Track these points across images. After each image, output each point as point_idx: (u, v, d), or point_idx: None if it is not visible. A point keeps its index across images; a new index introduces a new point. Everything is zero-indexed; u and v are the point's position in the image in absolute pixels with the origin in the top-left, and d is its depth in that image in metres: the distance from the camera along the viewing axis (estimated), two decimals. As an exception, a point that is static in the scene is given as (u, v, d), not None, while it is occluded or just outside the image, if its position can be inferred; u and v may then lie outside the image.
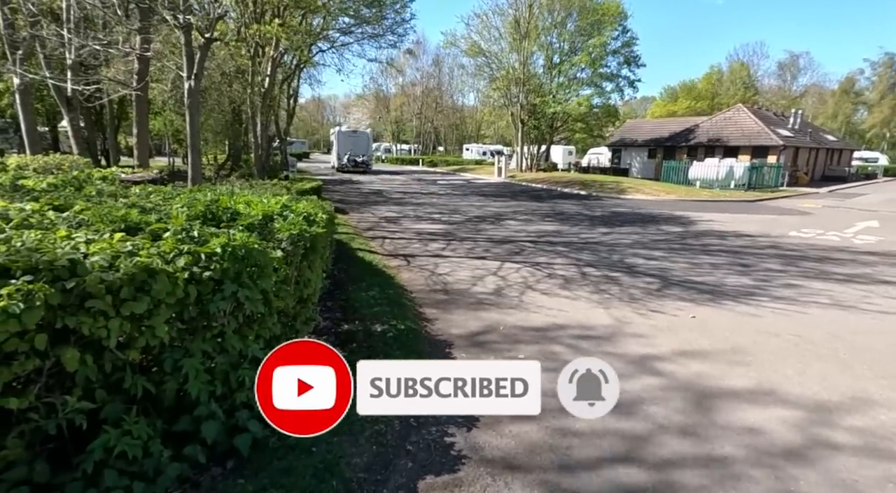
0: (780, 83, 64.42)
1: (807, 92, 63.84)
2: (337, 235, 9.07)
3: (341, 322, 4.51)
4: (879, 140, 60.62)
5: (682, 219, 13.50)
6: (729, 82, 61.95)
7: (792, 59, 63.82)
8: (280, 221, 2.91)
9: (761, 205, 18.53)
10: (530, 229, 11.15)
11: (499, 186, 24.70)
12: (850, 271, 7.50)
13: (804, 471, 2.69)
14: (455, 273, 6.95)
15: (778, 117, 37.05)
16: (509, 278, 6.72)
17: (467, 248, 8.88)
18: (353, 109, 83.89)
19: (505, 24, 31.78)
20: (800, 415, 3.28)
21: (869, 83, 61.38)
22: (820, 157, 36.77)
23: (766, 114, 36.16)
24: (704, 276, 7.05)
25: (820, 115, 60.67)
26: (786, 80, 64.18)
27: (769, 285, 6.56)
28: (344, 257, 7.36)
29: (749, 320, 5.18)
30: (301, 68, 20.68)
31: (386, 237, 9.81)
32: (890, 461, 2.81)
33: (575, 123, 34.37)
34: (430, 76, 62.47)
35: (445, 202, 16.70)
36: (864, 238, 11.00)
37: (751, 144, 30.04)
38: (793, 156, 31.09)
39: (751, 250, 9.08)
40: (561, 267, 7.45)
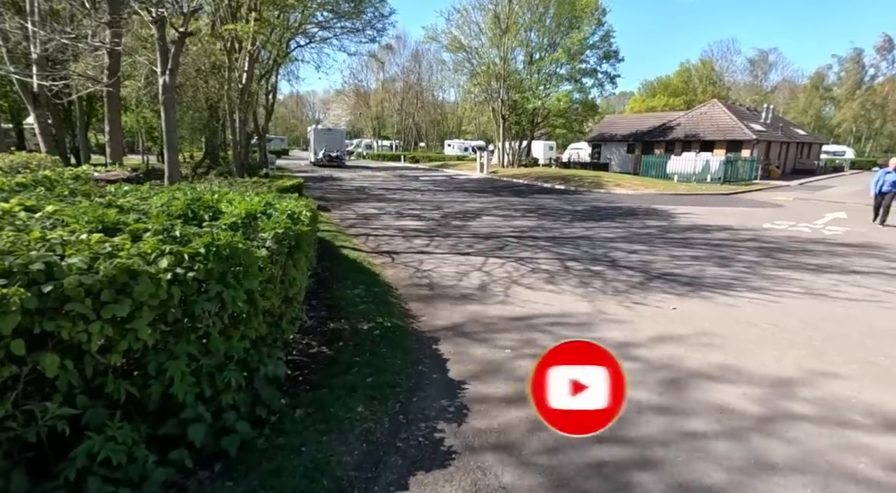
0: (752, 79, 66.09)
1: (778, 87, 65.67)
2: (320, 232, 8.98)
3: (327, 321, 4.47)
4: (847, 134, 62.82)
5: (661, 213, 13.77)
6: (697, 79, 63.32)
7: (761, 55, 65.54)
8: (264, 220, 2.86)
9: (737, 198, 19.03)
10: (513, 225, 11.22)
11: (481, 182, 24.76)
12: (821, 262, 7.78)
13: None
14: (440, 269, 6.96)
15: (751, 112, 38.03)
16: (494, 274, 6.76)
17: (451, 244, 8.89)
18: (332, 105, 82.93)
19: (485, 19, 31.79)
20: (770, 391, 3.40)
21: (837, 79, 63.45)
22: (791, 150, 37.91)
23: (739, 109, 37.07)
24: (685, 268, 7.21)
25: (791, 109, 62.50)
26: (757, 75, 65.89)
27: (746, 276, 6.75)
28: (328, 254, 7.29)
29: (727, 310, 5.33)
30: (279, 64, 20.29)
31: (369, 234, 9.75)
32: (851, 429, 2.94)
33: (556, 119, 34.68)
34: (410, 71, 62.15)
35: (428, 198, 16.67)
36: (833, 229, 11.41)
37: (725, 139, 30.77)
38: (765, 150, 31.97)
39: (729, 243, 9.33)
40: (545, 262, 7.53)
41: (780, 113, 50.56)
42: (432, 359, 3.93)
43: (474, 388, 3.47)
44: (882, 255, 8.49)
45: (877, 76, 61.71)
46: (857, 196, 19.68)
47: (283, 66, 22.15)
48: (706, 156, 26.96)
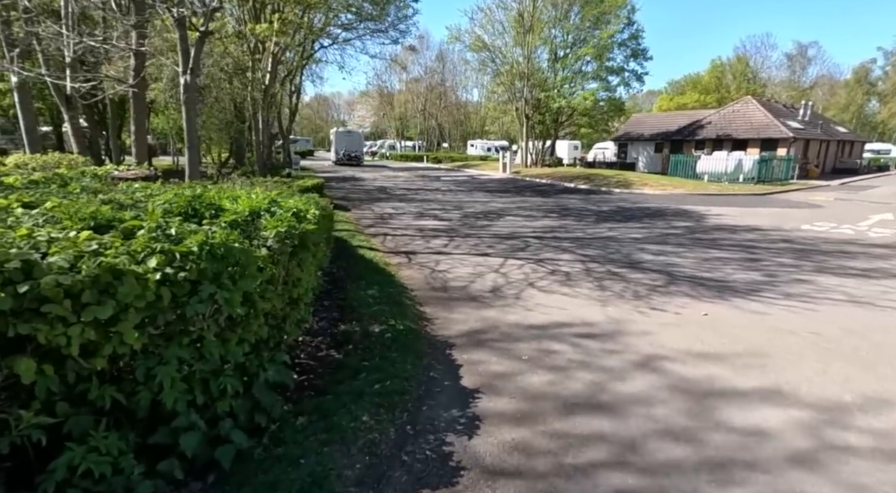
0: (790, 75, 63.41)
1: (816, 83, 62.81)
2: (337, 232, 8.94)
3: (338, 322, 4.36)
4: (892, 132, 59.55)
5: (691, 213, 13.23)
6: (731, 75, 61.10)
7: (800, 49, 62.78)
8: (267, 218, 2.75)
9: (771, 198, 18.19)
10: (536, 225, 10.94)
11: (503, 182, 24.46)
12: (865, 266, 7.25)
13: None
14: (456, 270, 6.78)
15: (787, 109, 36.42)
16: (511, 276, 6.54)
17: (470, 244, 8.71)
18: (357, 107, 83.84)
19: (509, 17, 31.44)
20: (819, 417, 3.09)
21: (882, 73, 60.22)
22: (831, 149, 36.12)
23: (775, 106, 35.56)
24: (713, 271, 6.82)
25: (831, 106, 59.65)
26: (795, 71, 63.16)
27: (780, 281, 6.33)
28: (344, 254, 7.21)
29: (762, 317, 4.97)
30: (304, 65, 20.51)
31: (387, 234, 9.65)
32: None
33: (580, 118, 33.97)
34: (433, 72, 62.17)
35: (449, 198, 16.51)
36: (879, 231, 10.69)
37: (759, 137, 29.52)
38: (803, 148, 30.54)
39: (762, 245, 8.83)
40: (565, 264, 7.25)
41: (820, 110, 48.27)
42: (444, 365, 3.76)
43: (487, 399, 3.28)
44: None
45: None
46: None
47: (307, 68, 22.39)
48: (738, 154, 25.91)
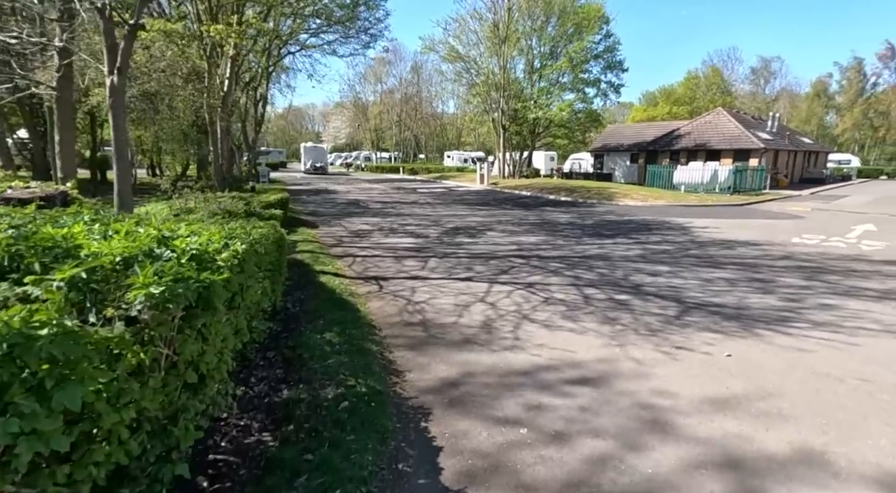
0: (754, 88, 65.63)
1: (779, 96, 65.15)
2: (298, 255, 7.92)
3: (280, 385, 3.36)
4: (850, 143, 62.07)
5: (677, 226, 12.70)
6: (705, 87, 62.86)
7: (764, 63, 65.18)
8: (146, 267, 1.80)
9: (751, 209, 17.99)
10: (519, 242, 10.14)
11: (481, 194, 23.76)
12: (879, 286, 6.67)
13: None
14: (435, 301, 5.86)
15: (756, 121, 37.21)
16: (500, 306, 5.65)
17: (449, 266, 7.80)
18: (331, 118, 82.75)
19: (483, 28, 31.12)
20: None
21: (838, 87, 62.92)
22: (798, 159, 36.99)
23: (745, 117, 36.26)
24: (724, 296, 6.11)
25: (793, 118, 61.88)
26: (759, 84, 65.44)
27: (800, 307, 5.64)
28: (302, 283, 6.19)
29: (797, 356, 4.21)
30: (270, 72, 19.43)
31: (356, 255, 8.66)
32: None
33: (558, 129, 33.81)
34: (408, 83, 61.75)
35: (426, 212, 15.62)
36: (870, 244, 10.32)
37: (732, 148, 29.84)
38: (773, 159, 31.04)
39: (763, 262, 8.23)
40: (558, 289, 6.42)
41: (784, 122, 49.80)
42: (418, 448, 2.81)
43: (479, 504, 2.35)
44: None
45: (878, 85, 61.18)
46: (875, 206, 18.64)
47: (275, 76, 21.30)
48: (713, 165, 26.03)
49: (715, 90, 61.42)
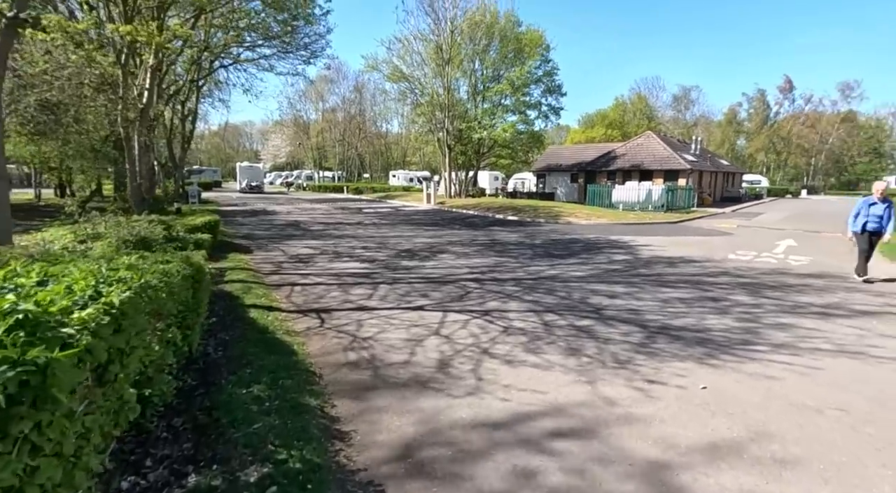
0: (676, 113, 71.31)
1: (697, 122, 71.16)
2: (227, 284, 7.00)
3: (187, 468, 2.60)
4: (759, 165, 68.74)
5: (622, 244, 12.92)
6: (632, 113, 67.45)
7: (684, 92, 71.16)
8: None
9: (684, 226, 18.91)
10: (471, 264, 9.74)
11: (429, 214, 23.40)
12: (819, 301, 6.88)
13: None
14: (385, 335, 5.23)
15: (681, 143, 40.11)
16: (456, 339, 5.13)
17: (400, 294, 7.20)
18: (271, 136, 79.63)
19: (427, 49, 31.34)
20: None
21: (747, 115, 69.87)
22: (718, 179, 40.15)
23: (671, 140, 38.97)
24: (682, 317, 5.98)
25: (710, 143, 67.65)
26: (680, 110, 71.21)
27: (757, 327, 5.60)
28: (229, 321, 5.34)
29: (769, 385, 4.03)
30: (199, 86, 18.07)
31: (296, 284, 7.84)
32: None
33: (502, 149, 34.48)
34: (351, 102, 60.99)
35: (372, 234, 14.93)
36: (797, 259, 10.95)
37: (663, 168, 31.79)
38: (698, 179, 33.39)
39: (708, 280, 8.36)
40: (517, 316, 6.02)
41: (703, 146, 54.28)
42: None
43: None
44: (868, 289, 7.81)
45: (779, 113, 68.68)
46: (790, 222, 20.27)
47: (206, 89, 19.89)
48: (648, 185, 27.49)
49: (641, 115, 66.09)
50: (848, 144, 65.70)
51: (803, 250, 12.27)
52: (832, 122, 64.97)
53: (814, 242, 14.22)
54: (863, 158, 67.01)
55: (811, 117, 65.98)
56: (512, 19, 29.99)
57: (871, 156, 67.48)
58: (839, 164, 67.42)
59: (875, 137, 67.54)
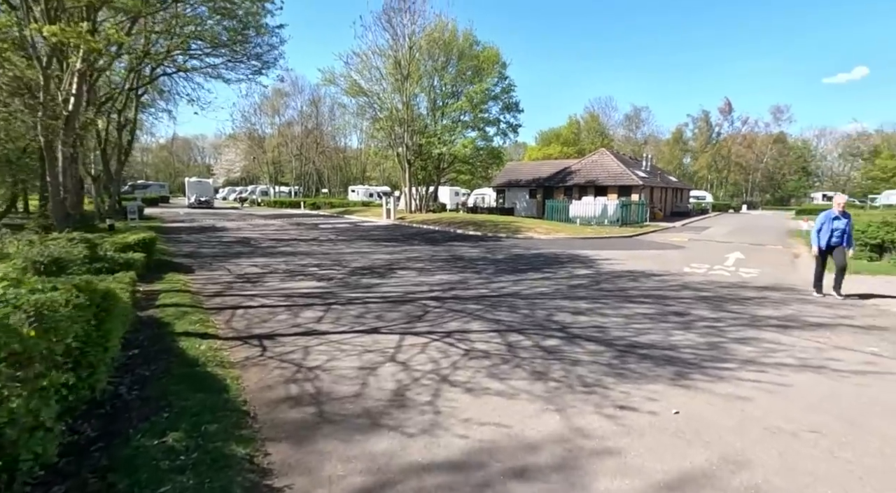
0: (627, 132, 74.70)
1: (647, 140, 74.83)
2: (158, 309, 6.27)
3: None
4: (703, 181, 72.86)
5: (583, 259, 12.94)
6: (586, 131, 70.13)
7: (636, 111, 74.82)
8: None
9: (639, 240, 19.37)
10: (432, 281, 9.34)
11: (389, 229, 22.89)
12: (774, 314, 6.95)
13: None
14: (334, 364, 4.71)
15: (633, 160, 41.86)
16: (414, 365, 4.69)
17: (354, 315, 6.69)
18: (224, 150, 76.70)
19: (386, 64, 31.16)
20: None
21: (692, 135, 74.18)
22: (668, 195, 42.02)
23: (624, 157, 40.54)
24: (649, 334, 5.82)
25: (659, 160, 71.18)
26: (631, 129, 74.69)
27: (722, 342, 5.51)
28: (153, 352, 4.66)
29: (742, 406, 3.84)
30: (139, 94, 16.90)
31: (240, 306, 7.15)
32: None
33: (462, 165, 34.60)
34: (308, 116, 59.88)
35: (327, 250, 14.26)
36: (747, 271, 11.29)
37: (617, 184, 32.86)
38: (649, 194, 34.76)
39: (671, 294, 8.36)
40: (480, 337, 5.66)
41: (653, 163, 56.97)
42: None
43: None
44: (817, 300, 8.04)
45: (721, 133, 73.40)
46: (735, 236, 21.25)
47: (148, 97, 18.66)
48: (603, 200, 28.24)
49: (594, 133, 68.82)
50: (780, 163, 70.96)
51: (751, 263, 12.72)
52: (766, 142, 70.07)
53: (759, 254, 14.82)
54: (793, 175, 72.52)
55: (748, 138, 70.91)
56: (470, 38, 30.42)
57: (801, 174, 73.19)
58: (773, 181, 72.58)
59: (803, 157, 73.39)
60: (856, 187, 68.59)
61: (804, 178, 73.63)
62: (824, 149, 76.59)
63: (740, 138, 71.08)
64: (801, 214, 42.76)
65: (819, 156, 76.71)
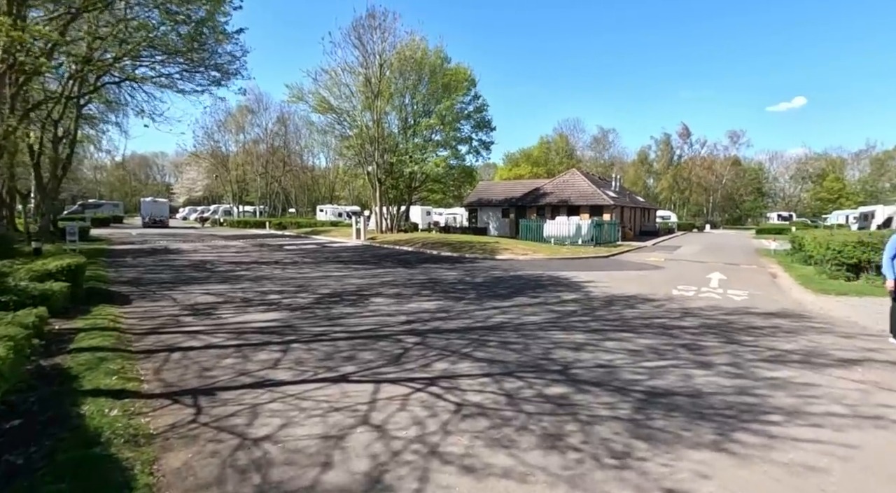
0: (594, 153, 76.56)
1: (614, 162, 76.85)
2: (70, 354, 5.01)
3: None
4: (667, 202, 75.15)
5: (566, 282, 12.24)
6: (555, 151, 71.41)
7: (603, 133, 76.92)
8: None
9: (616, 260, 18.99)
10: (408, 310, 8.33)
11: (359, 250, 21.72)
12: (795, 347, 6.31)
13: None
14: (290, 432, 3.63)
15: (603, 181, 42.38)
16: (393, 429, 3.67)
17: (319, 357, 5.59)
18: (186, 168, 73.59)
19: (356, 82, 30.47)
20: None
21: (655, 156, 76.73)
22: (637, 215, 42.64)
23: (594, 177, 40.97)
24: (665, 375, 5.01)
25: (625, 181, 73.08)
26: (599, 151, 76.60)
27: (752, 386, 4.75)
28: (43, 422, 3.46)
29: (816, 481, 3.02)
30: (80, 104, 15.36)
31: (178, 347, 5.92)
32: None
33: (434, 184, 33.96)
34: (275, 135, 58.31)
35: (291, 275, 13.01)
36: (736, 293, 10.86)
37: (588, 204, 32.93)
38: (620, 214, 35.03)
39: (672, 323, 7.65)
40: (471, 384, 4.69)
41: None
42: None
43: None
44: (833, 330, 7.48)
45: (681, 156, 76.28)
46: (707, 255, 21.28)
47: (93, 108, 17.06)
48: (576, 220, 28.06)
49: (563, 154, 70.14)
50: (737, 185, 74.17)
51: (735, 284, 12.36)
52: (724, 165, 73.22)
53: (738, 274, 14.58)
54: (749, 196, 75.90)
55: (707, 160, 73.94)
56: (441, 56, 30.19)
57: (756, 194, 76.73)
58: (732, 201, 75.66)
59: (757, 179, 77.07)
60: (806, 208, 72.40)
61: (759, 198, 77.17)
62: (777, 171, 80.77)
63: (700, 160, 74.03)
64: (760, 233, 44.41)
65: (772, 178, 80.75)
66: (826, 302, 9.84)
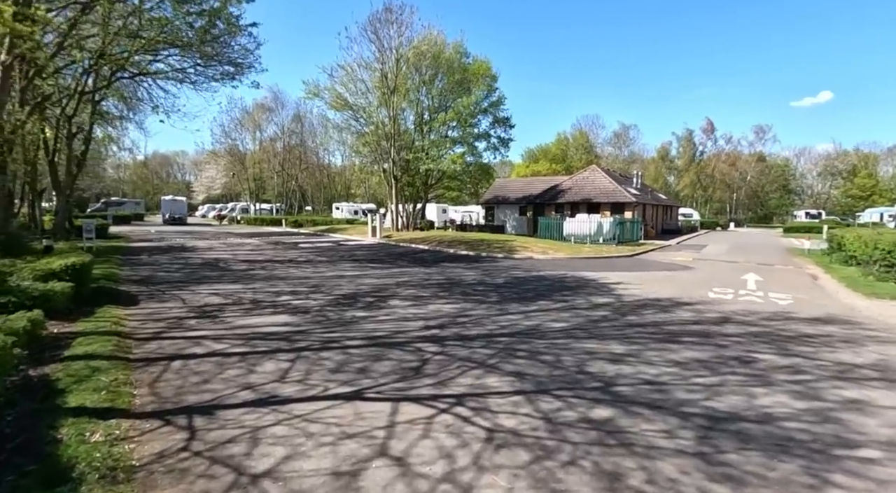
0: (615, 150, 74.94)
1: (635, 158, 75.13)
2: (61, 363, 4.59)
3: None
4: (688, 199, 73.16)
5: (592, 283, 11.54)
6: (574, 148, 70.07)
7: (624, 130, 75.22)
8: None
9: (641, 260, 18.15)
10: (427, 313, 7.78)
11: (374, 249, 21.28)
12: (861, 360, 5.58)
13: None
14: (295, 464, 3.11)
15: (624, 178, 41.20)
16: (416, 463, 3.12)
17: (330, 368, 5.08)
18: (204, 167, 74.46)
19: (372, 78, 30.02)
20: None
21: (677, 153, 74.74)
22: (659, 213, 41.36)
23: (615, 174, 39.85)
24: (723, 394, 4.35)
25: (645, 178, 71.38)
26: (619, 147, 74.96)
27: (829, 409, 4.07)
28: (12, 449, 3.00)
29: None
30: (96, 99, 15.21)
31: (179, 355, 5.47)
32: None
33: (450, 181, 33.36)
34: (292, 132, 58.38)
35: (306, 274, 12.60)
36: (779, 297, 10.04)
37: (609, 201, 31.92)
38: (642, 212, 33.93)
39: (714, 330, 6.95)
40: (502, 404, 4.11)
41: (641, 180, 56.78)
42: None
43: None
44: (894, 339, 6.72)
45: (704, 153, 74.12)
46: (735, 254, 20.27)
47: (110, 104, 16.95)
48: (597, 218, 27.15)
49: (582, 151, 68.76)
50: (762, 182, 71.72)
51: (774, 286, 11.51)
52: (749, 161, 70.88)
53: (775, 275, 13.67)
54: (774, 193, 73.34)
55: (731, 156, 71.66)
56: (459, 50, 29.52)
57: (782, 192, 74.11)
58: (757, 198, 73.25)
59: (783, 175, 74.42)
60: (835, 205, 69.63)
61: (785, 196, 74.53)
62: (804, 168, 77.93)
63: (724, 157, 71.81)
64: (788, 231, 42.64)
65: (799, 174, 77.96)
66: (881, 307, 8.99)
